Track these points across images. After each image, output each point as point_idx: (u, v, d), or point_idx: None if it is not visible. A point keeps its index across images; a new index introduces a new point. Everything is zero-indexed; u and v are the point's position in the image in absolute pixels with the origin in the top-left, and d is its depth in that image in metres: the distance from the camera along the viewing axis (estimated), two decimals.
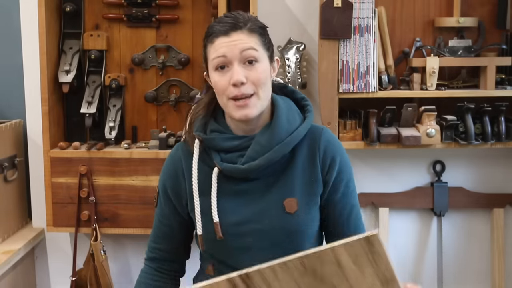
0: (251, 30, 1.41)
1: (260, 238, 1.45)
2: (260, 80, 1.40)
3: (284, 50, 2.38)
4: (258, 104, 1.41)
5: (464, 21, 2.34)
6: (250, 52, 1.39)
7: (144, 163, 2.27)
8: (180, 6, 2.41)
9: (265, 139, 1.43)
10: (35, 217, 2.58)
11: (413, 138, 2.26)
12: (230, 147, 1.45)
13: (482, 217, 2.59)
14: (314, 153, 1.48)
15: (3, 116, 2.55)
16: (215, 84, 1.42)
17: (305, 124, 1.48)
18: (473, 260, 2.61)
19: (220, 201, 1.46)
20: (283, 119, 1.45)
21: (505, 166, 2.57)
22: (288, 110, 1.48)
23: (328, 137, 1.51)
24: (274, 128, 1.43)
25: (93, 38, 2.40)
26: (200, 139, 1.48)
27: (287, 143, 1.43)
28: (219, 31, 1.40)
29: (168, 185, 1.54)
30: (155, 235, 1.59)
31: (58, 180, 2.30)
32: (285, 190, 1.46)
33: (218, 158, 1.45)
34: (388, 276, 1.14)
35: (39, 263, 2.62)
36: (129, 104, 2.47)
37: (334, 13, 2.21)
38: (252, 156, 1.42)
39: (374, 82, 2.27)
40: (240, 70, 1.39)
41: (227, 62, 1.40)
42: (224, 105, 1.44)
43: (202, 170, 1.48)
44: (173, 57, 2.43)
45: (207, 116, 1.51)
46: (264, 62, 1.43)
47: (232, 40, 1.39)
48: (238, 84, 1.38)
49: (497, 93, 2.30)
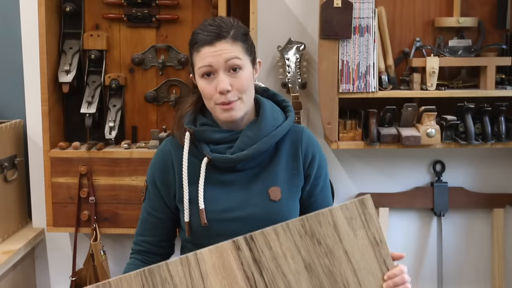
0: (234, 38, 1.50)
1: (244, 225, 1.51)
2: (243, 86, 1.50)
3: (284, 50, 2.38)
4: (242, 107, 1.51)
5: (464, 21, 2.34)
6: (234, 61, 1.48)
7: (144, 163, 2.27)
8: (180, 6, 2.41)
9: (253, 132, 1.53)
10: (35, 217, 2.58)
11: (413, 138, 2.26)
12: (219, 139, 1.55)
13: (482, 217, 2.60)
14: (297, 148, 1.59)
15: (3, 116, 2.55)
16: (202, 90, 1.52)
17: (288, 121, 1.59)
18: (473, 260, 2.61)
19: (207, 190, 1.54)
20: (269, 115, 1.56)
21: (505, 166, 2.57)
22: (272, 108, 1.60)
23: (308, 135, 1.63)
24: (261, 122, 1.54)
25: (93, 38, 2.40)
26: (191, 131, 1.56)
27: (273, 136, 1.54)
28: (204, 40, 1.49)
29: (157, 177, 1.60)
30: (142, 228, 1.65)
31: (58, 180, 2.30)
32: (270, 179, 1.56)
33: (208, 149, 1.54)
34: (378, 239, 1.28)
35: (39, 263, 2.62)
36: (129, 104, 2.47)
37: (334, 13, 2.21)
38: (241, 147, 1.52)
39: (374, 82, 2.27)
40: (225, 78, 1.48)
41: (212, 71, 1.49)
42: (211, 108, 1.54)
43: (191, 162, 1.56)
44: (173, 57, 2.43)
45: (196, 112, 1.61)
46: (247, 68, 1.52)
47: (216, 50, 1.47)
48: (224, 92, 1.48)
49: (497, 93, 2.30)
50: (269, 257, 1.25)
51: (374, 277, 1.26)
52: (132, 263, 1.63)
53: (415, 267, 2.61)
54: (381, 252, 1.28)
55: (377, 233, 1.27)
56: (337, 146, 2.31)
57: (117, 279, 1.28)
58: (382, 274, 1.27)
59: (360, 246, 1.26)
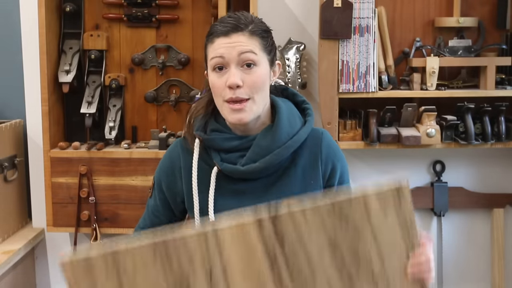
0: (252, 32, 1.40)
1: None
2: (256, 84, 1.39)
3: (284, 50, 2.38)
4: (254, 108, 1.40)
5: (464, 21, 2.34)
6: (248, 55, 1.38)
7: (144, 163, 2.27)
8: (180, 6, 2.41)
9: (266, 141, 1.43)
10: (35, 217, 2.58)
11: (413, 138, 2.26)
12: (230, 147, 1.45)
13: (482, 217, 2.59)
14: (316, 156, 1.49)
15: (3, 116, 2.55)
16: (212, 84, 1.42)
17: (306, 128, 1.48)
18: (473, 260, 2.62)
19: (217, 200, 1.46)
20: (285, 122, 1.45)
21: (505, 166, 2.57)
22: (289, 113, 1.48)
23: (328, 141, 1.52)
24: (276, 131, 1.43)
25: (93, 38, 2.40)
26: (201, 138, 1.48)
27: (287, 147, 1.43)
28: (220, 31, 1.39)
29: (163, 181, 1.55)
30: (144, 223, 1.61)
31: (58, 180, 2.30)
32: (284, 191, 1.46)
33: (218, 158, 1.45)
34: (408, 221, 1.22)
35: (39, 263, 2.62)
36: (129, 104, 2.47)
37: (334, 13, 2.21)
38: (252, 158, 1.42)
39: (374, 82, 2.27)
40: (237, 72, 1.37)
41: (224, 63, 1.38)
42: (219, 106, 1.43)
43: (201, 168, 1.48)
44: (173, 57, 2.43)
45: (207, 116, 1.51)
46: (263, 66, 1.41)
47: (231, 41, 1.38)
48: (234, 87, 1.37)
49: (497, 93, 2.30)
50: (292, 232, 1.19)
51: (399, 260, 1.22)
52: None
53: None
54: (409, 236, 1.22)
55: (408, 216, 1.22)
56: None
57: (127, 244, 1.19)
58: (407, 255, 1.22)
59: (389, 228, 1.21)
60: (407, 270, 1.20)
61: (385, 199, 1.21)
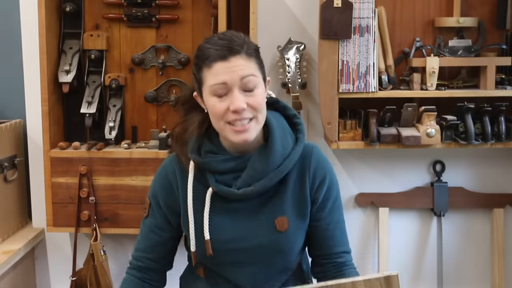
0: (248, 54, 1.40)
1: (250, 255, 1.50)
2: (260, 105, 1.41)
3: (284, 50, 2.38)
4: (257, 127, 1.43)
5: (464, 21, 2.34)
6: (250, 78, 1.39)
7: (144, 163, 2.27)
8: (180, 6, 2.41)
9: (261, 165, 1.45)
10: (35, 217, 2.58)
11: (413, 138, 2.26)
12: (225, 169, 1.47)
13: (482, 217, 2.59)
14: (304, 172, 1.52)
15: (3, 116, 2.55)
16: (212, 108, 1.41)
17: (298, 147, 1.50)
18: (473, 260, 2.61)
19: (212, 219, 1.49)
20: (278, 144, 1.47)
21: (505, 166, 2.57)
22: (281, 132, 1.50)
23: (318, 157, 1.54)
24: (269, 153, 1.45)
25: (93, 38, 2.40)
26: (195, 161, 1.49)
27: (280, 171, 1.46)
28: (217, 55, 1.38)
29: (160, 196, 1.56)
30: (144, 245, 1.60)
31: (58, 180, 2.30)
32: (277, 209, 1.49)
33: (213, 180, 1.48)
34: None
35: (39, 263, 2.62)
36: (129, 104, 2.47)
37: (334, 13, 2.21)
38: (247, 182, 1.45)
39: (374, 82, 2.27)
40: (241, 97, 1.38)
41: (227, 89, 1.39)
42: (220, 129, 1.44)
43: (197, 189, 1.51)
44: (173, 57, 2.43)
45: (200, 137, 1.52)
46: (261, 86, 1.43)
47: (231, 65, 1.38)
48: (239, 111, 1.38)
49: (497, 93, 2.30)
50: None
51: None
52: (128, 280, 1.61)
53: (415, 267, 2.62)
54: None
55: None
56: (337, 146, 2.31)
57: None
58: None
59: None
60: None
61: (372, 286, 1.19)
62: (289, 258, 1.54)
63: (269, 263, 1.52)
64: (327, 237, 1.56)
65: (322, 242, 1.57)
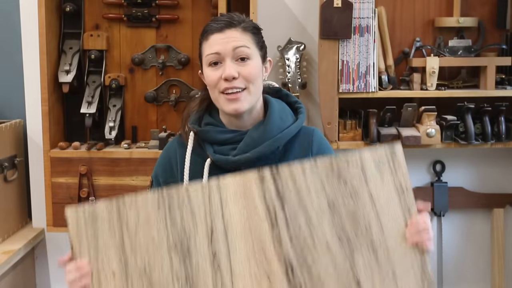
0: (244, 28, 1.46)
1: None
2: (251, 75, 1.45)
3: (284, 50, 2.38)
4: (249, 98, 1.46)
5: (464, 21, 2.34)
6: (242, 49, 1.44)
7: (144, 163, 2.27)
8: (180, 6, 2.41)
9: (258, 133, 1.48)
10: (35, 217, 2.58)
11: (413, 138, 2.26)
12: (223, 140, 1.50)
13: (482, 217, 2.59)
14: (306, 152, 1.53)
15: (3, 116, 2.55)
16: (208, 78, 1.47)
17: (297, 123, 1.53)
18: (473, 260, 2.62)
19: None
20: (276, 116, 1.50)
21: (505, 166, 2.57)
22: (281, 109, 1.54)
23: (319, 138, 1.56)
24: (267, 124, 1.49)
25: (93, 38, 2.40)
26: (195, 131, 1.53)
27: (278, 139, 1.48)
28: (214, 28, 1.46)
29: (161, 175, 1.59)
30: None
31: (58, 180, 2.30)
32: None
33: (211, 150, 1.50)
34: (404, 186, 1.25)
35: (39, 263, 2.62)
36: (129, 104, 2.47)
37: (334, 13, 2.21)
38: (244, 149, 1.47)
39: (374, 82, 2.27)
40: (233, 65, 1.44)
41: (220, 59, 1.44)
42: (215, 99, 1.49)
43: (195, 162, 1.53)
44: (173, 57, 2.43)
45: (202, 111, 1.57)
46: (256, 59, 1.47)
47: (225, 36, 1.44)
48: (230, 79, 1.43)
49: (497, 93, 2.30)
50: (292, 191, 1.22)
51: (397, 223, 1.23)
52: None
53: None
54: (406, 200, 1.24)
55: (403, 180, 1.24)
56: (337, 146, 2.31)
57: (132, 197, 1.25)
58: (405, 221, 1.24)
59: (386, 191, 1.23)
60: (407, 237, 1.23)
61: (379, 160, 1.24)
62: None
63: None
64: None
65: None
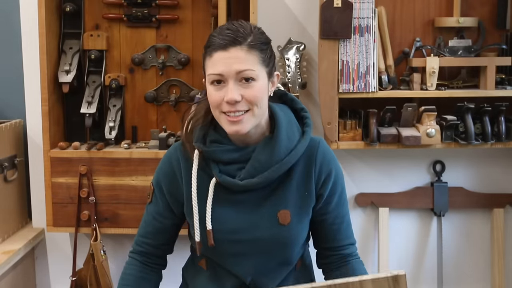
0: (251, 46, 1.40)
1: (252, 246, 1.50)
2: (256, 99, 1.41)
3: (284, 50, 2.38)
4: (252, 120, 1.42)
5: (464, 21, 2.34)
6: (246, 73, 1.39)
7: (144, 163, 2.27)
8: (180, 6, 2.41)
9: (265, 156, 1.45)
10: (35, 217, 2.58)
11: (413, 138, 2.26)
12: (229, 160, 1.48)
13: (482, 217, 2.60)
14: (310, 167, 1.51)
15: (3, 116, 2.55)
16: (210, 97, 1.43)
17: (304, 141, 1.49)
18: (473, 260, 2.62)
19: (215, 209, 1.49)
20: (284, 135, 1.46)
21: (505, 166, 2.57)
22: (287, 124, 1.49)
23: (324, 151, 1.53)
24: (275, 145, 1.45)
25: (93, 38, 2.40)
26: (200, 150, 1.49)
27: (285, 163, 1.46)
28: (218, 44, 1.39)
29: (164, 184, 1.57)
30: (145, 230, 1.62)
31: (58, 180, 2.30)
32: (280, 202, 1.49)
33: (217, 170, 1.48)
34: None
35: (39, 263, 2.62)
36: (129, 104, 2.47)
37: (334, 13, 2.21)
38: (251, 173, 1.45)
39: (374, 82, 2.27)
40: (236, 88, 1.39)
41: (223, 79, 1.40)
42: (217, 117, 1.45)
43: (201, 178, 1.51)
44: (173, 57, 2.43)
45: (206, 126, 1.52)
46: (262, 79, 1.43)
47: (229, 56, 1.38)
48: (232, 102, 1.39)
49: (497, 93, 2.30)
50: None
51: None
52: (131, 264, 1.64)
53: (415, 267, 2.62)
54: None
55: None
56: (337, 146, 2.31)
57: None
58: None
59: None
60: None
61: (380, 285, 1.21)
62: (291, 252, 1.54)
63: (270, 256, 1.52)
64: (333, 231, 1.57)
65: (329, 235, 1.57)
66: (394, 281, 1.21)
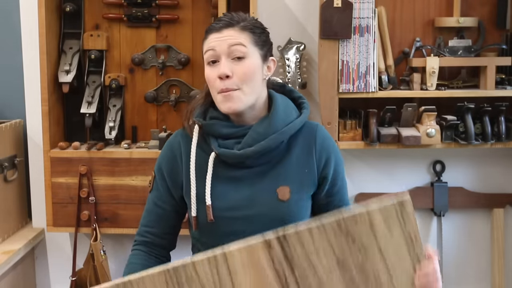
0: (242, 27, 1.47)
1: (251, 223, 1.49)
2: (246, 75, 1.45)
3: (284, 50, 2.38)
4: (243, 98, 1.46)
5: (464, 21, 2.34)
6: (238, 47, 1.45)
7: (144, 163, 2.27)
8: (180, 6, 2.41)
9: (263, 127, 1.48)
10: (35, 217, 2.58)
11: (413, 138, 2.26)
12: (228, 134, 1.51)
13: (482, 217, 2.59)
14: (310, 146, 1.54)
15: (3, 116, 2.55)
16: (206, 76, 1.49)
17: (301, 117, 1.54)
18: (473, 260, 2.62)
19: (214, 186, 1.51)
20: (280, 111, 1.51)
21: (505, 166, 2.57)
22: (285, 104, 1.54)
23: (323, 134, 1.58)
24: (272, 118, 1.49)
25: (93, 38, 2.41)
26: (200, 124, 1.53)
27: (283, 133, 1.49)
28: (213, 28, 1.48)
29: (165, 168, 1.59)
30: (147, 219, 1.62)
31: (58, 180, 2.30)
32: (279, 178, 1.51)
33: (216, 144, 1.51)
34: (413, 236, 1.23)
35: (39, 263, 2.62)
36: (129, 104, 2.47)
37: (334, 13, 2.21)
38: (249, 143, 1.47)
39: (374, 82, 2.27)
40: (227, 64, 1.45)
41: (216, 56, 1.46)
42: (214, 98, 1.50)
43: (200, 156, 1.53)
44: (173, 57, 2.43)
45: (207, 105, 1.57)
46: (254, 59, 1.47)
47: (222, 35, 1.46)
48: (223, 77, 1.44)
49: (497, 93, 2.30)
50: (301, 255, 1.20)
51: (407, 274, 1.23)
52: (136, 254, 1.61)
53: None
54: (415, 250, 1.23)
55: (412, 230, 1.23)
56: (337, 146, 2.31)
57: (138, 278, 1.23)
58: (415, 271, 1.23)
59: (395, 243, 1.22)
60: (415, 282, 1.22)
61: (388, 215, 1.21)
62: None
63: None
64: None
65: None
66: (400, 206, 1.21)
